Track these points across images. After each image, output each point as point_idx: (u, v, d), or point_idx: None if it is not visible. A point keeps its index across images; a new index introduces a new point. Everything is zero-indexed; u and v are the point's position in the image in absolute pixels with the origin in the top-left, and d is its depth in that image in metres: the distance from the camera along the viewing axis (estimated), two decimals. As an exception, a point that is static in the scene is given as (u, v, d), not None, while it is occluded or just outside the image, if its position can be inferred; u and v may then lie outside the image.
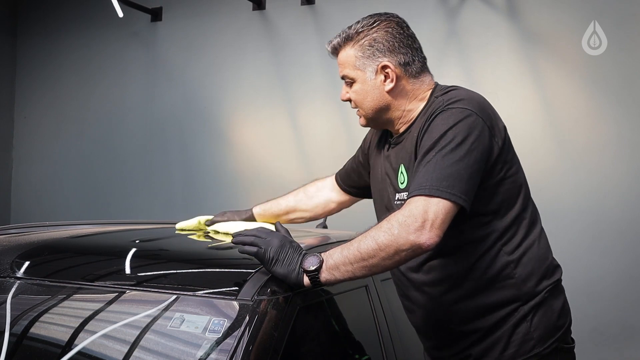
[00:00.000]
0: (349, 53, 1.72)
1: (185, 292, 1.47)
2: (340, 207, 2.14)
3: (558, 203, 3.79)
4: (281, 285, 1.49)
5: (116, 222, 2.51)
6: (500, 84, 3.97)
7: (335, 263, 1.48)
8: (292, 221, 2.12)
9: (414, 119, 1.72)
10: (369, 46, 1.69)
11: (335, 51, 1.77)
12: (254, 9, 4.80)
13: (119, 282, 1.57)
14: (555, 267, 1.73)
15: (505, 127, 1.68)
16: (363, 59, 1.70)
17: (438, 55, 4.04)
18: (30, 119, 5.65)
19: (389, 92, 1.71)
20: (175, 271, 1.65)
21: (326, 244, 1.81)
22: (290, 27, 4.68)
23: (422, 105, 1.72)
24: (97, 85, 5.36)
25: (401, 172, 1.71)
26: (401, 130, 1.75)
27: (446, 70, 3.98)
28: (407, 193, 1.60)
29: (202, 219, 2.17)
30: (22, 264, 1.71)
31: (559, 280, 1.71)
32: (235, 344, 1.31)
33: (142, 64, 5.20)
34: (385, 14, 1.75)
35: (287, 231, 1.67)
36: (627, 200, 3.73)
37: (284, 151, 4.66)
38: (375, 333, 1.86)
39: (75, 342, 1.41)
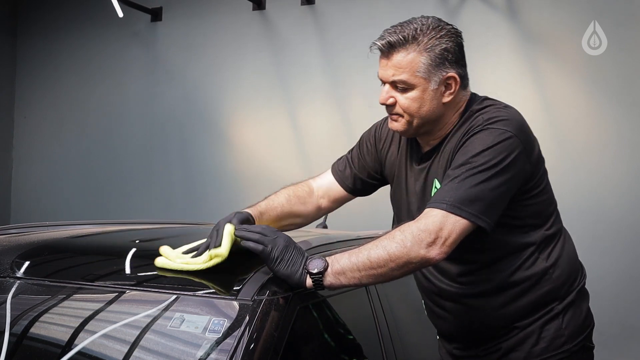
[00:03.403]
0: (413, 58, 1.58)
1: (185, 292, 1.47)
2: (330, 210, 1.99)
3: (558, 203, 3.79)
4: (281, 285, 1.49)
5: (116, 222, 2.51)
6: (500, 84, 3.96)
7: (342, 268, 1.47)
8: (284, 228, 1.83)
9: (448, 131, 1.67)
10: (440, 56, 1.58)
11: (391, 49, 1.60)
12: (254, 9, 4.80)
13: (119, 282, 1.57)
14: (582, 266, 1.79)
15: (538, 145, 1.68)
16: (430, 68, 1.58)
17: (438, 55, 4.03)
18: (30, 119, 5.65)
19: (445, 103, 1.63)
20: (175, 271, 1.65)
21: (326, 244, 1.80)
22: (290, 27, 4.68)
23: (457, 116, 1.67)
24: (97, 85, 5.36)
25: (434, 187, 1.67)
26: (434, 142, 1.69)
27: (446, 70, 3.97)
28: None
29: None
30: (22, 264, 1.71)
31: (585, 279, 1.77)
32: (235, 344, 1.31)
33: (142, 64, 5.20)
34: (440, 20, 1.64)
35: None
36: (627, 200, 3.73)
37: (284, 151, 4.66)
38: (375, 333, 1.86)
39: (75, 342, 1.41)
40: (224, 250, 1.52)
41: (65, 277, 1.63)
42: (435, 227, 1.46)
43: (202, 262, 1.54)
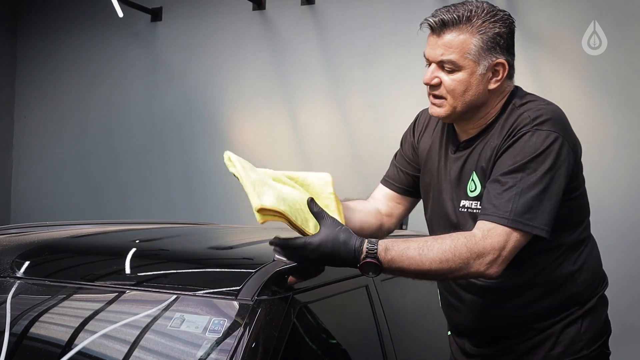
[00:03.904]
0: (465, 39, 1.54)
1: (185, 292, 1.47)
2: (395, 217, 1.87)
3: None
4: (281, 285, 1.49)
5: (116, 222, 2.51)
6: (500, 84, 3.97)
7: (400, 269, 1.47)
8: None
9: (488, 122, 1.63)
10: (492, 40, 1.54)
11: (443, 27, 1.55)
12: (254, 9, 4.80)
13: (119, 282, 1.57)
14: (605, 274, 1.77)
15: (580, 144, 1.65)
16: (481, 51, 1.54)
17: (438, 55, 4.04)
18: (30, 119, 5.65)
19: (490, 90, 1.59)
20: (175, 271, 1.65)
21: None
22: (290, 27, 4.68)
23: (499, 107, 1.62)
24: (97, 85, 5.36)
25: (472, 180, 1.63)
26: (473, 131, 1.65)
27: (446, 70, 3.98)
28: (476, 202, 1.59)
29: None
30: (22, 264, 1.71)
31: (607, 287, 1.75)
32: (235, 344, 1.31)
33: (142, 64, 5.20)
34: (494, 6, 1.60)
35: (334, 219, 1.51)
36: (627, 200, 3.73)
37: (284, 151, 4.66)
38: (375, 333, 1.86)
39: (75, 342, 1.41)
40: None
41: (65, 277, 1.63)
42: (500, 246, 1.46)
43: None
